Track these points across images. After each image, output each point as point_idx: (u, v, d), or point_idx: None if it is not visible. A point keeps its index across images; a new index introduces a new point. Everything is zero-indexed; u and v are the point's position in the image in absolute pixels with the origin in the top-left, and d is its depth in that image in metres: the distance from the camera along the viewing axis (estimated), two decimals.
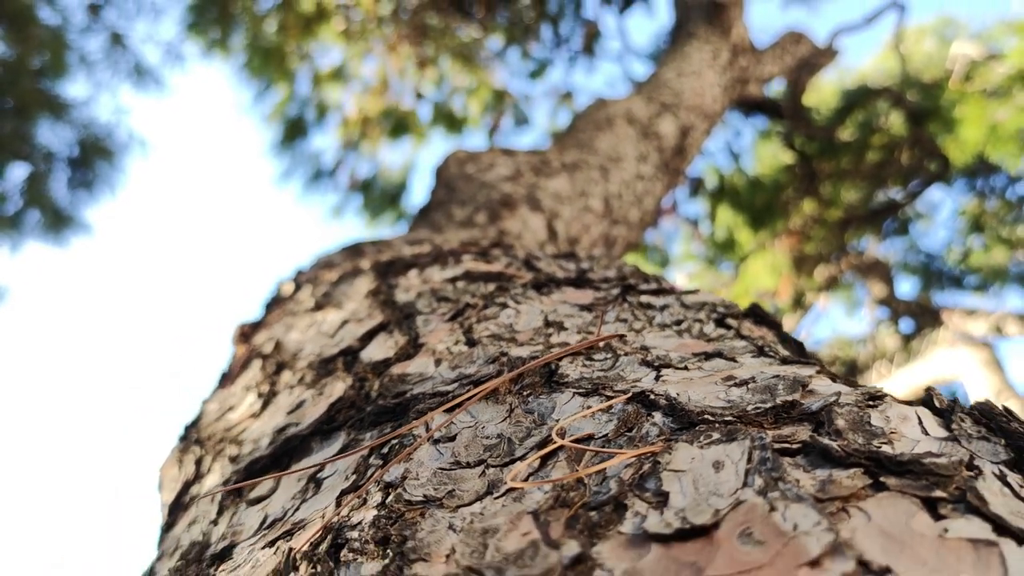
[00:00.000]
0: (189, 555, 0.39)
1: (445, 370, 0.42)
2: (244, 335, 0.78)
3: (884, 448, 0.24)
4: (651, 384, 0.31)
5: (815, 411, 0.26)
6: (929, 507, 0.21)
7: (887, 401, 0.32)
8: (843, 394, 0.30)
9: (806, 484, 0.22)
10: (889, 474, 0.22)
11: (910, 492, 0.21)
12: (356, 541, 0.26)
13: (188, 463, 0.61)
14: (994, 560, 0.19)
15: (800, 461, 0.24)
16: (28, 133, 3.05)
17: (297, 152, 4.14)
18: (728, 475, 0.22)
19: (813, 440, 0.24)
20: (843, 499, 0.21)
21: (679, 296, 0.53)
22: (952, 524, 0.21)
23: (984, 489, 0.21)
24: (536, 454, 0.27)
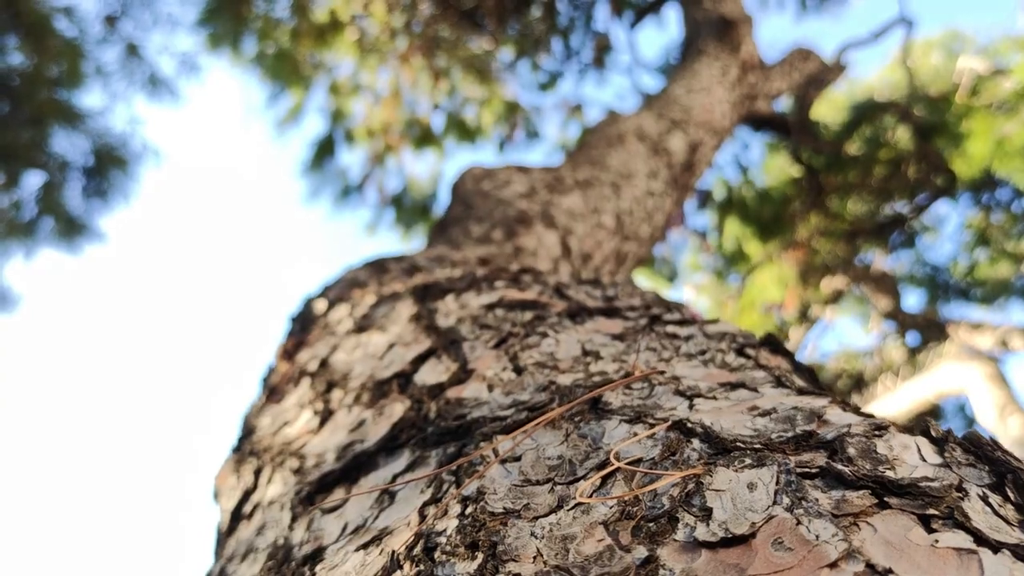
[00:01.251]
0: (276, 556, 0.44)
1: (499, 396, 0.46)
2: (287, 353, 0.83)
3: (888, 473, 0.29)
4: (686, 412, 0.36)
5: (830, 440, 0.31)
6: (924, 522, 0.26)
7: (891, 431, 0.37)
8: (853, 424, 0.35)
9: (824, 502, 0.27)
10: (892, 495, 0.27)
11: (908, 510, 0.26)
12: (446, 545, 0.31)
13: (246, 473, 0.65)
14: (974, 565, 0.24)
15: (818, 483, 0.29)
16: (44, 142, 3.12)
17: (325, 171, 4.21)
18: (760, 495, 0.27)
19: (829, 466, 0.29)
20: (854, 515, 0.26)
21: (701, 326, 0.58)
22: (942, 536, 0.25)
23: (968, 508, 0.26)
24: (597, 474, 0.32)
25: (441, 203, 4.66)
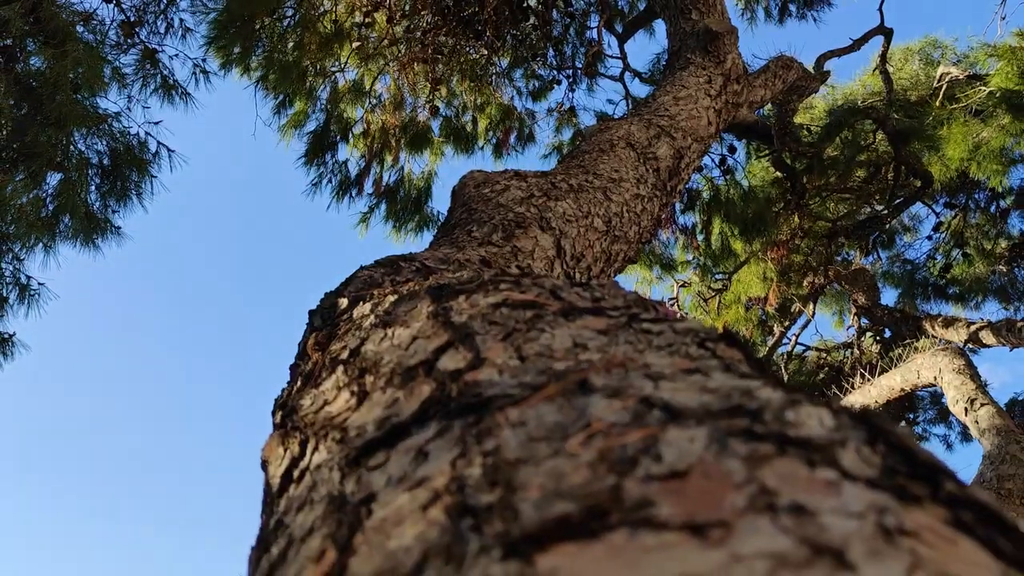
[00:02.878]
0: (333, 503, 0.56)
1: (507, 378, 0.59)
2: (319, 344, 0.95)
3: (791, 432, 0.42)
4: (652, 391, 0.49)
5: (754, 409, 0.44)
6: (809, 464, 0.39)
7: (802, 404, 0.50)
8: (773, 399, 0.47)
9: (740, 451, 0.39)
10: (790, 446, 0.40)
11: (799, 456, 0.39)
12: (473, 483, 0.43)
13: (292, 444, 0.78)
14: (837, 488, 0.37)
15: (739, 439, 0.41)
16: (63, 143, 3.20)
17: (324, 163, 4.31)
18: (697, 446, 0.40)
19: (748, 427, 0.42)
20: (760, 459, 0.39)
21: (671, 324, 0.71)
22: (819, 472, 0.38)
23: (843, 455, 0.39)
24: (583, 434, 0.44)
25: (434, 200, 4.78)
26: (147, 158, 3.95)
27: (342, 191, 4.39)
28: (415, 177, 4.74)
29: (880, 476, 0.38)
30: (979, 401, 4.54)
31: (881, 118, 5.06)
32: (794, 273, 5.54)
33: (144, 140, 3.89)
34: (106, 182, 3.93)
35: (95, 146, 3.83)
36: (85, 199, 3.80)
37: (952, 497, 0.38)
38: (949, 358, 4.78)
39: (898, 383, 5.15)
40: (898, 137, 5.16)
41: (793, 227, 5.30)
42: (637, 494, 0.36)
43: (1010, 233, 7.07)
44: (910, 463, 0.40)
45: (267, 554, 0.61)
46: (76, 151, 3.77)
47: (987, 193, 6.52)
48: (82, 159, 3.79)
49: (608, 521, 0.35)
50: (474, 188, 1.87)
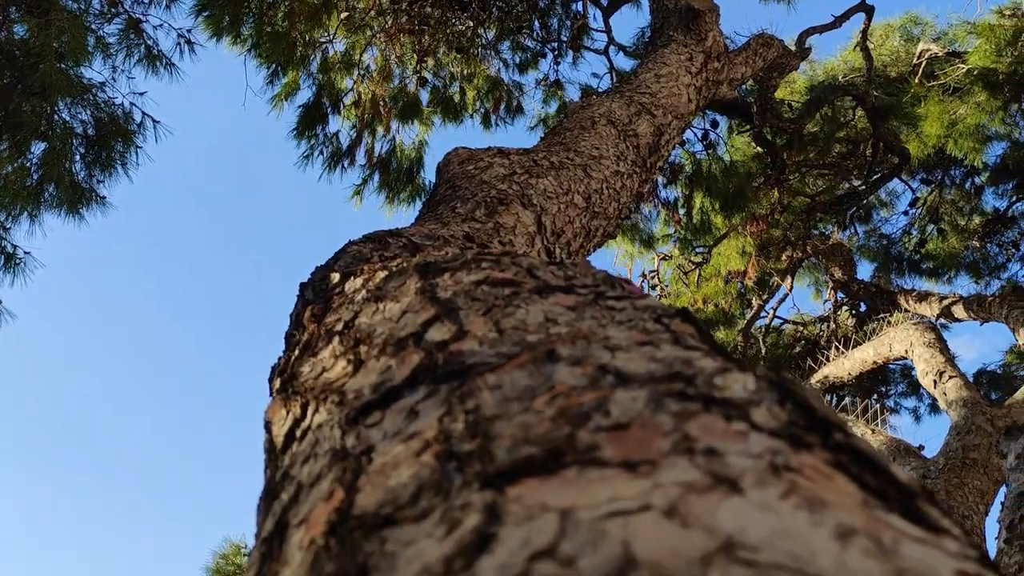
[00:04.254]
0: (335, 455, 0.65)
1: (487, 349, 0.68)
2: (315, 316, 1.03)
3: (716, 394, 0.51)
4: (609, 360, 0.58)
5: (689, 375, 0.53)
6: (727, 419, 0.48)
7: (731, 372, 0.59)
8: (708, 367, 0.57)
9: (672, 408, 0.49)
10: (714, 405, 0.49)
11: (720, 412, 0.48)
12: (457, 435, 0.52)
13: (294, 407, 0.87)
14: (745, 437, 0.46)
15: (673, 399, 0.51)
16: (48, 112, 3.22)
17: (315, 135, 4.33)
18: (638, 404, 0.49)
19: (681, 390, 0.51)
20: (687, 415, 0.48)
21: (633, 302, 0.80)
22: (734, 424, 0.48)
23: (755, 412, 0.48)
24: (548, 394, 0.53)
25: (426, 170, 4.82)
26: (132, 128, 3.96)
27: (334, 162, 4.42)
28: (407, 147, 4.78)
29: (782, 428, 0.47)
30: (947, 374, 4.71)
31: (861, 95, 5.15)
32: (773, 247, 5.65)
33: (129, 110, 3.90)
34: (91, 152, 3.94)
35: (79, 116, 3.84)
36: (70, 168, 3.82)
37: (838, 445, 0.48)
38: (920, 332, 4.93)
39: (871, 356, 5.31)
40: (877, 114, 5.25)
41: (773, 202, 5.40)
42: (587, 441, 0.46)
43: (984, 209, 7.24)
44: (810, 418, 0.50)
45: (277, 500, 0.70)
46: (60, 121, 3.78)
47: (963, 170, 6.65)
48: (66, 129, 3.80)
49: (563, 461, 0.44)
50: (458, 165, 1.94)
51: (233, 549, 6.73)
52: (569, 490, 0.41)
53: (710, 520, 0.36)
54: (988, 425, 4.51)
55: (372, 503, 0.48)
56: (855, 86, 5.06)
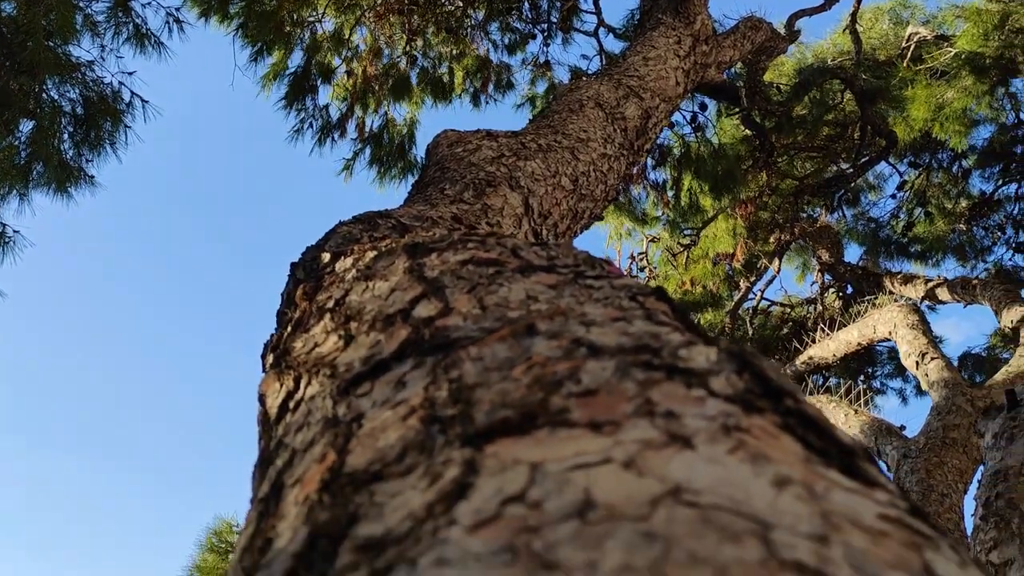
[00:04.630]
0: (327, 423, 0.69)
1: (470, 324, 0.72)
2: (307, 294, 1.07)
3: (680, 364, 0.55)
4: (584, 333, 0.62)
5: (656, 347, 0.57)
6: (688, 386, 0.53)
7: (697, 344, 0.64)
8: (674, 340, 0.61)
9: (638, 376, 0.53)
10: (677, 374, 0.54)
11: (682, 380, 0.52)
12: (440, 403, 0.57)
13: (287, 380, 0.91)
14: (702, 401, 0.51)
15: (639, 368, 0.55)
16: (36, 91, 3.22)
17: (305, 107, 4.33)
18: (607, 372, 0.53)
19: (647, 360, 0.55)
20: (651, 383, 0.52)
21: (610, 281, 0.84)
22: (694, 391, 0.52)
23: (713, 380, 0.53)
24: (526, 364, 0.58)
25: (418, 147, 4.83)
26: (121, 108, 3.95)
27: (324, 135, 4.43)
28: (398, 123, 4.79)
29: (737, 394, 0.51)
30: (930, 355, 4.79)
31: (849, 78, 5.18)
32: (761, 230, 5.70)
33: (118, 90, 3.89)
34: (79, 131, 3.94)
35: (68, 94, 3.83)
36: (58, 148, 3.82)
37: (787, 410, 0.52)
38: (904, 314, 5.01)
39: (855, 337, 5.39)
40: (865, 97, 5.29)
41: (761, 184, 5.44)
42: (559, 405, 0.50)
43: (971, 192, 7.31)
44: (764, 387, 0.54)
45: (272, 465, 0.74)
46: (49, 99, 3.77)
47: (950, 153, 6.71)
48: (55, 107, 3.79)
49: (536, 422, 0.49)
50: (447, 147, 1.97)
51: (225, 527, 6.80)
52: (540, 447, 0.45)
53: (662, 471, 0.40)
54: (968, 405, 4.60)
55: (362, 462, 0.52)
56: (844, 69, 5.09)
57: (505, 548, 0.35)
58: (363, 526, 0.43)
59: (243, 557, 0.58)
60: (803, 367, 5.79)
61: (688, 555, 0.32)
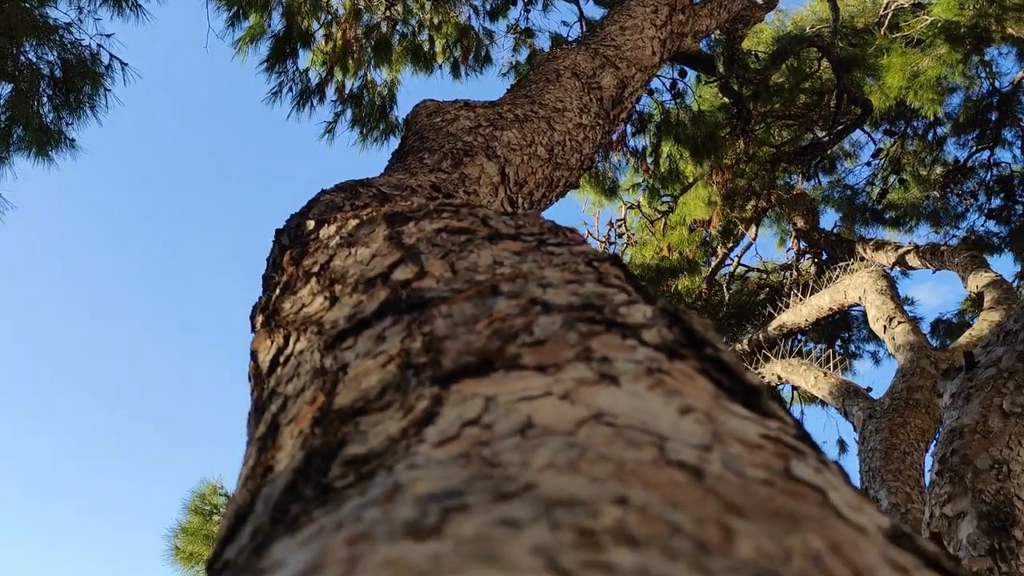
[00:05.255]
0: (315, 373, 0.78)
1: (442, 286, 0.81)
2: (294, 259, 1.15)
3: (618, 319, 0.65)
4: (540, 294, 0.71)
5: (598, 305, 0.67)
6: (623, 337, 0.63)
7: (638, 303, 0.73)
8: (616, 300, 0.70)
9: (581, 329, 0.62)
10: (615, 327, 0.63)
11: (618, 332, 0.62)
12: (416, 351, 0.66)
13: (277, 337, 0.99)
14: (634, 348, 0.60)
15: (583, 323, 0.65)
16: (14, 53, 3.21)
17: (285, 70, 4.33)
18: (555, 325, 0.63)
19: (592, 315, 0.65)
20: (592, 334, 0.62)
21: (570, 248, 0.94)
22: (627, 341, 0.62)
23: (646, 332, 0.63)
24: (487, 320, 0.67)
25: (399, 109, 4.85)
26: (99, 71, 3.94)
27: (303, 99, 4.45)
28: (379, 85, 4.80)
29: (664, 344, 0.61)
30: (897, 319, 4.95)
31: (826, 46, 5.25)
32: (738, 197, 5.80)
33: (96, 52, 3.88)
34: (58, 94, 3.93)
35: (46, 57, 3.82)
36: (38, 111, 3.81)
37: (707, 357, 0.62)
38: (873, 279, 5.16)
39: (827, 303, 5.54)
40: (841, 65, 5.36)
41: (738, 152, 5.53)
42: (513, 352, 0.59)
43: (945, 160, 7.45)
44: (690, 338, 0.64)
45: (267, 411, 0.84)
46: (27, 62, 3.76)
47: (925, 121, 6.83)
48: (33, 70, 3.78)
49: (493, 366, 0.58)
50: (426, 117, 2.03)
51: (210, 489, 6.91)
52: (495, 385, 0.55)
53: (590, 401, 0.50)
54: (931, 368, 4.78)
55: (348, 401, 0.62)
56: (821, 37, 5.15)
57: (462, 456, 0.44)
58: (350, 448, 0.52)
59: (246, 483, 0.67)
60: (776, 332, 5.95)
61: (598, 456, 0.41)
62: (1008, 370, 3.28)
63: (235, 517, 0.61)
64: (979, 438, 3.42)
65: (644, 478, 0.39)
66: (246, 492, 0.63)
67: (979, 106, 6.61)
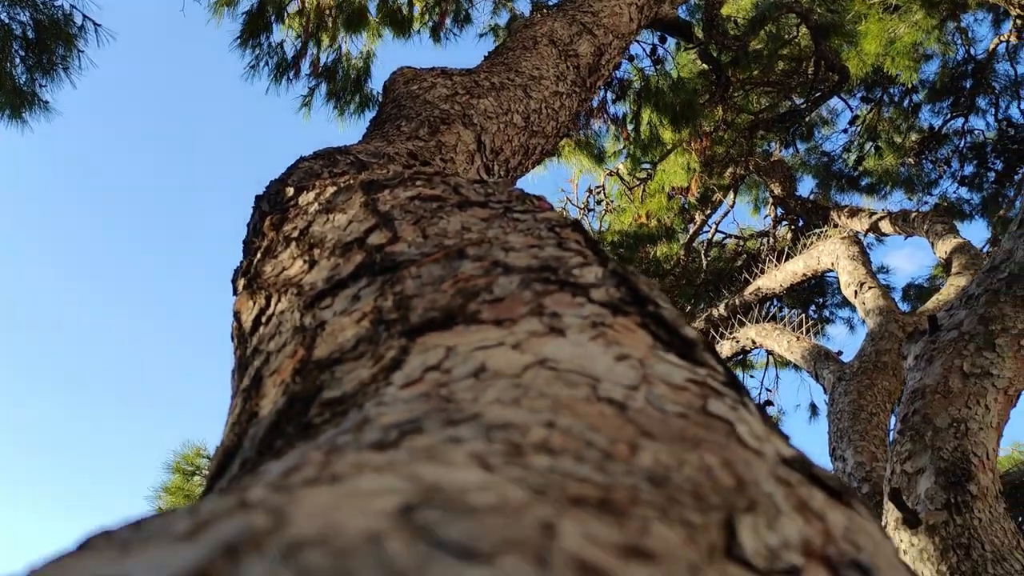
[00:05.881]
0: (295, 330, 0.85)
1: (413, 250, 0.87)
2: (274, 225, 1.20)
3: (571, 279, 0.72)
4: (503, 257, 0.78)
5: (554, 267, 0.73)
6: (573, 295, 0.69)
7: (591, 264, 0.80)
8: (572, 263, 0.77)
9: (537, 288, 0.69)
10: (567, 286, 0.70)
11: (569, 291, 0.69)
12: (387, 309, 0.72)
13: (259, 299, 1.05)
14: (583, 305, 0.67)
15: (538, 283, 0.71)
16: None
17: (260, 45, 4.30)
18: (513, 285, 0.70)
19: (548, 275, 0.71)
20: (546, 292, 0.68)
21: (534, 214, 1.00)
22: (576, 299, 0.68)
23: (594, 291, 0.69)
24: (452, 280, 0.73)
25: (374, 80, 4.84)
26: (73, 32, 3.90)
27: (279, 73, 4.43)
28: (354, 57, 4.79)
29: (611, 301, 0.68)
30: (867, 285, 5.07)
31: (804, 12, 5.28)
32: (716, 164, 5.86)
33: (69, 13, 3.84)
34: (31, 55, 3.89)
35: (19, 17, 3.77)
36: (11, 72, 3.78)
37: (648, 313, 0.69)
38: (845, 245, 5.27)
39: (801, 269, 5.66)
40: (819, 32, 5.40)
41: (717, 119, 5.58)
42: (474, 309, 0.66)
43: (920, 127, 7.55)
44: (635, 296, 0.70)
45: (250, 366, 0.90)
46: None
47: (901, 88, 6.90)
48: (6, 30, 3.73)
49: (455, 321, 0.65)
50: (403, 85, 2.07)
51: (193, 451, 6.98)
52: (456, 337, 0.61)
53: (537, 350, 0.56)
54: (899, 331, 4.92)
55: (325, 353, 0.68)
56: (799, 3, 5.18)
57: (423, 395, 0.51)
58: (327, 392, 0.59)
59: (233, 429, 0.74)
60: (752, 297, 6.07)
61: (538, 394, 0.48)
62: (969, 333, 3.40)
63: (224, 456, 0.68)
64: (939, 398, 3.55)
65: (574, 410, 0.46)
66: (233, 435, 0.70)
67: (954, 73, 6.69)
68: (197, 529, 0.24)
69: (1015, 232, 2.81)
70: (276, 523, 0.23)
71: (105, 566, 0.22)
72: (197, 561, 0.21)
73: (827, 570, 0.37)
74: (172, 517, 0.26)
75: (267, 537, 0.22)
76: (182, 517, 0.25)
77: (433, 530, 0.22)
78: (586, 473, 0.34)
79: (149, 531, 0.25)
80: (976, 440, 3.33)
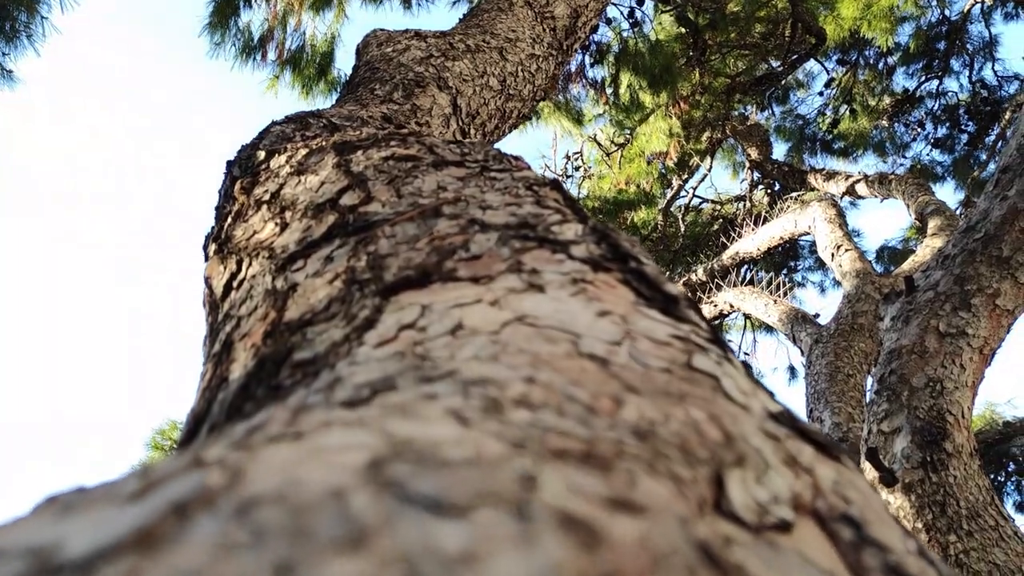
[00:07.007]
0: (267, 294, 0.82)
1: (387, 210, 0.84)
2: (244, 189, 1.17)
3: (550, 236, 0.70)
4: (480, 215, 0.75)
5: (532, 224, 0.71)
6: (552, 251, 0.67)
7: (571, 221, 0.78)
8: (550, 220, 0.75)
9: (515, 245, 0.67)
10: (547, 243, 0.68)
11: (548, 248, 0.67)
12: (360, 270, 0.70)
13: (230, 263, 1.02)
14: (562, 261, 0.65)
15: (517, 240, 0.69)
16: None
17: (229, 26, 4.19)
18: (490, 242, 0.67)
19: (527, 232, 0.69)
20: (524, 249, 0.66)
21: (512, 173, 0.98)
22: (556, 255, 0.67)
23: (574, 247, 0.67)
24: (429, 237, 0.71)
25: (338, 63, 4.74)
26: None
27: (245, 54, 4.32)
28: (318, 41, 4.67)
29: (591, 258, 0.66)
30: (844, 247, 5.11)
31: None
32: (693, 128, 5.84)
33: None
34: None
35: None
36: None
37: (630, 269, 0.67)
38: (822, 209, 5.29)
39: (778, 232, 5.68)
40: None
41: (694, 83, 5.54)
42: (450, 266, 0.64)
43: (894, 90, 7.56)
44: (615, 252, 0.68)
45: (221, 332, 0.87)
46: None
47: (876, 50, 6.90)
48: None
49: (431, 279, 0.63)
50: (377, 47, 2.01)
51: (171, 426, 6.96)
52: (431, 295, 0.59)
53: (516, 306, 0.55)
54: (876, 293, 4.97)
55: (296, 315, 0.66)
56: None
57: (397, 353, 0.49)
58: (298, 353, 0.57)
59: (203, 395, 0.72)
60: (730, 261, 6.10)
61: (517, 350, 0.46)
62: (945, 293, 3.44)
63: (193, 422, 0.65)
64: (916, 358, 3.60)
65: (554, 366, 0.45)
66: (203, 401, 0.68)
67: (929, 35, 6.69)
68: (146, 489, 0.22)
69: (991, 192, 2.83)
70: (231, 480, 0.21)
71: (41, 531, 0.20)
72: (142, 521, 0.19)
73: (817, 524, 0.36)
74: (123, 480, 0.24)
75: (221, 495, 0.20)
76: (133, 479, 0.23)
77: (403, 484, 0.20)
78: (568, 427, 0.32)
79: (96, 494, 0.23)
80: (952, 399, 3.39)
